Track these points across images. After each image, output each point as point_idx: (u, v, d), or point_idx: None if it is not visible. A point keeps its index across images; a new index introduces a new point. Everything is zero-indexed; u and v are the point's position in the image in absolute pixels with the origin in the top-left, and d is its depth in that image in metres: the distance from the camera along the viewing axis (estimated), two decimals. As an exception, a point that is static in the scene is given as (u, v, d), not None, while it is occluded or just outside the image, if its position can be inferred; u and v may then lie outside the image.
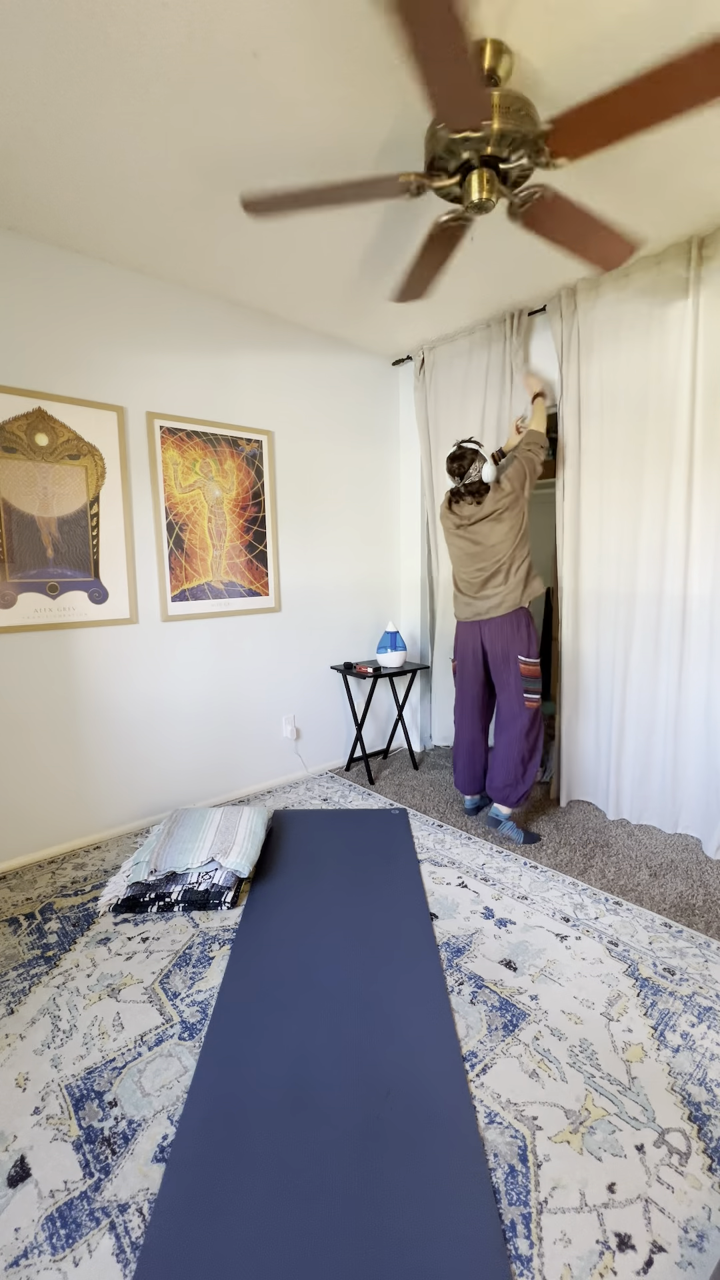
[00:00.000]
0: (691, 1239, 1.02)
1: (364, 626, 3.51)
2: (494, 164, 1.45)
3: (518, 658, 2.45)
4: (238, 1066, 1.37)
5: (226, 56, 1.42)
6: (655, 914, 1.95)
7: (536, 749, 2.50)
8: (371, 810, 2.79)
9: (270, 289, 2.61)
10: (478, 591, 2.53)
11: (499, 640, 2.48)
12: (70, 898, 2.10)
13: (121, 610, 2.51)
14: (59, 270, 2.25)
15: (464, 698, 2.68)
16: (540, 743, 2.51)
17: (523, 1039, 1.45)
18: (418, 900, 2.03)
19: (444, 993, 1.59)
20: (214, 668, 2.84)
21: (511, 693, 2.47)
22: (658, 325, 2.35)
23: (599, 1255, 1.00)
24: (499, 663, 2.50)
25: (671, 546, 2.38)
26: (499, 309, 2.83)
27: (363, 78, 1.49)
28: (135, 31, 1.35)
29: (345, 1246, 1.01)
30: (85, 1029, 1.50)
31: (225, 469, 2.79)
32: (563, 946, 1.79)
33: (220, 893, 1.99)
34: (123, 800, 2.60)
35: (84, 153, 1.74)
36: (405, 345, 3.31)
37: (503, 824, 2.54)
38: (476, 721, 2.68)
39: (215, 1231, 1.04)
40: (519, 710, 2.46)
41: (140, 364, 2.49)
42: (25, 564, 2.25)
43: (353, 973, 1.67)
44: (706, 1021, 1.49)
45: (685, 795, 2.48)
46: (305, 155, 1.75)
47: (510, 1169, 1.14)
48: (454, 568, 2.64)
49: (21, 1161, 1.17)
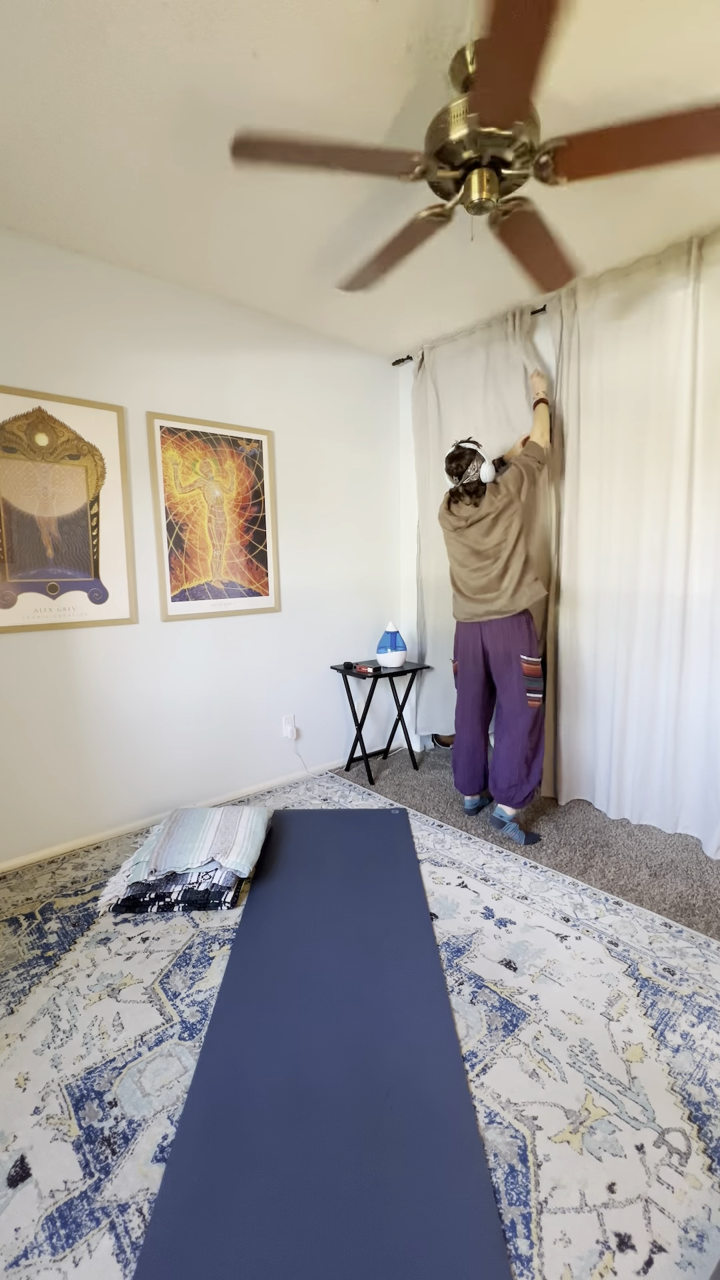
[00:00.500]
0: (691, 1239, 1.02)
1: (364, 626, 3.51)
2: (498, 167, 1.45)
3: (520, 657, 2.44)
4: (238, 1066, 1.37)
5: (226, 56, 1.42)
6: (655, 914, 1.95)
7: (539, 748, 2.50)
8: (371, 810, 2.79)
9: (270, 288, 2.61)
10: (477, 594, 2.52)
11: (500, 640, 2.47)
12: (70, 898, 2.10)
13: (121, 610, 2.51)
14: (59, 270, 2.25)
15: (464, 698, 2.68)
16: (543, 742, 2.51)
17: (523, 1039, 1.45)
18: (418, 900, 2.03)
19: (444, 992, 1.59)
20: (214, 668, 2.84)
21: (514, 692, 2.47)
22: (658, 325, 2.35)
23: (599, 1255, 1.00)
24: (500, 662, 2.49)
25: (672, 546, 2.38)
26: (500, 308, 2.83)
27: (362, 78, 1.49)
28: (135, 31, 1.35)
29: (345, 1246, 1.01)
30: (85, 1029, 1.50)
31: (225, 469, 2.79)
32: (563, 946, 1.79)
33: (220, 893, 1.99)
34: (123, 800, 2.60)
35: (84, 153, 1.74)
36: (405, 345, 3.31)
37: (507, 825, 2.53)
38: (477, 722, 2.68)
39: (215, 1231, 1.04)
40: (521, 709, 2.45)
41: (140, 364, 2.49)
42: (25, 564, 2.25)
43: (353, 972, 1.67)
44: (706, 1021, 1.49)
45: (685, 795, 2.48)
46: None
47: (510, 1169, 1.14)
48: (453, 569, 2.63)
49: (21, 1161, 1.17)
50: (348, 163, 1.44)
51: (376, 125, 1.64)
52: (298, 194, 1.94)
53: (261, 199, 1.96)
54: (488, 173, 1.44)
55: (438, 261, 2.35)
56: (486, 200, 1.46)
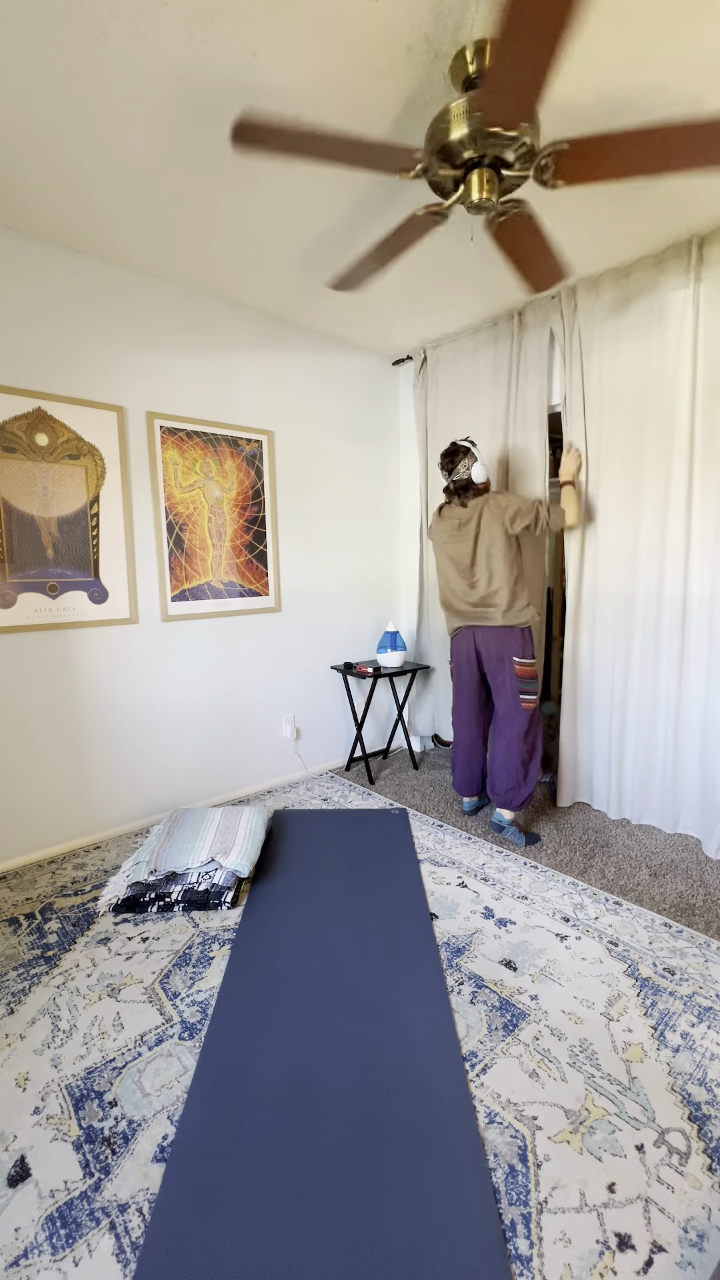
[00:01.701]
0: (691, 1239, 1.02)
1: (364, 626, 3.51)
2: (498, 167, 1.45)
3: (513, 658, 2.44)
4: (238, 1066, 1.37)
5: (226, 56, 1.42)
6: (655, 914, 1.95)
7: (536, 751, 2.49)
8: (371, 810, 2.79)
9: (270, 288, 2.61)
10: (473, 607, 2.51)
11: (493, 643, 2.47)
12: (70, 898, 2.10)
13: (121, 610, 2.51)
14: (59, 270, 2.25)
15: (460, 700, 2.68)
16: (539, 744, 2.50)
17: (523, 1039, 1.45)
18: (418, 900, 2.03)
19: (444, 992, 1.59)
20: (214, 668, 2.84)
21: (508, 694, 2.47)
22: (657, 325, 2.35)
23: (599, 1255, 1.00)
24: (494, 664, 2.49)
25: (671, 546, 2.38)
26: (501, 308, 2.82)
27: (362, 78, 1.49)
28: (135, 31, 1.35)
29: (345, 1246, 1.01)
30: (85, 1029, 1.50)
31: (225, 469, 2.79)
32: (563, 946, 1.79)
33: (220, 892, 1.99)
34: (123, 800, 2.60)
35: (84, 152, 1.74)
36: (405, 345, 3.31)
37: (506, 829, 2.52)
38: (474, 724, 2.67)
39: (215, 1231, 1.04)
40: (516, 712, 2.45)
41: (140, 364, 2.49)
42: (25, 564, 2.25)
43: (353, 973, 1.67)
44: (706, 1021, 1.49)
45: (685, 795, 2.48)
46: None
47: (510, 1169, 1.14)
48: (443, 591, 2.62)
49: (21, 1161, 1.17)
50: (349, 156, 1.42)
51: (377, 125, 1.64)
52: (297, 194, 1.94)
53: (261, 198, 1.96)
54: (488, 173, 1.44)
55: (437, 261, 2.35)
56: (486, 200, 1.46)
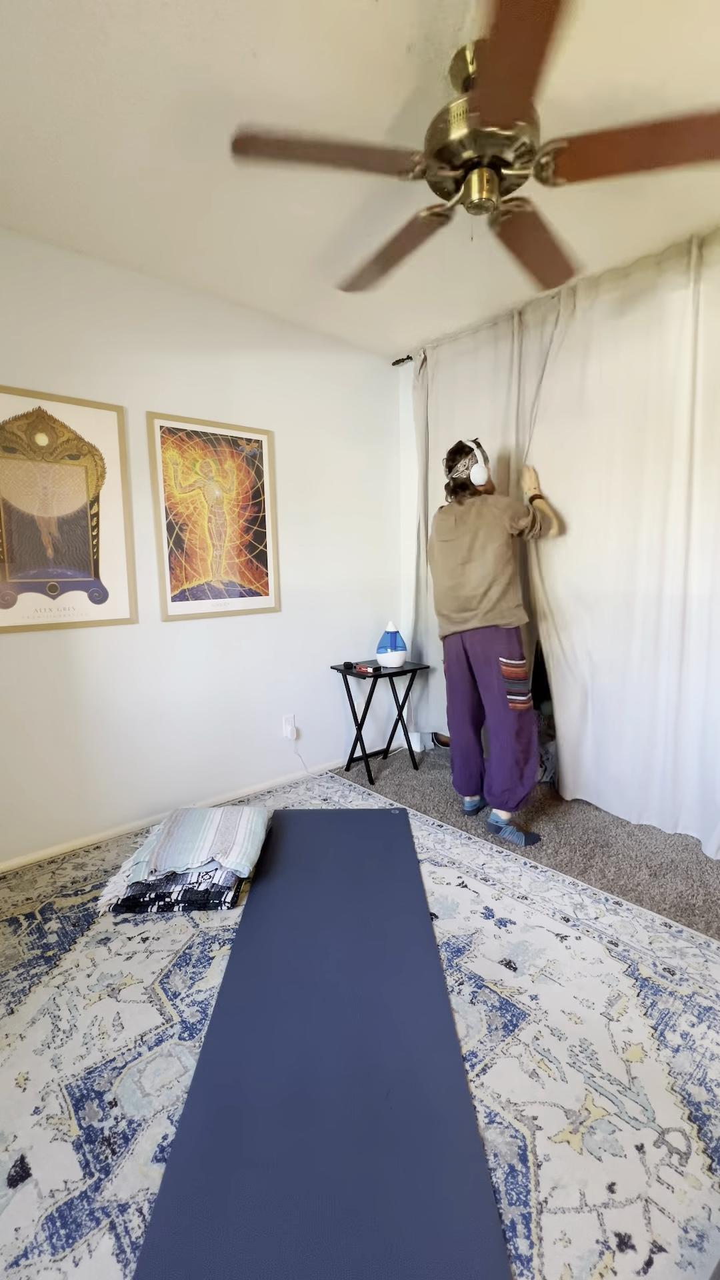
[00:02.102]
0: (691, 1239, 1.02)
1: (364, 626, 3.51)
2: (498, 167, 1.45)
3: (499, 659, 2.44)
4: (238, 1066, 1.37)
5: (226, 56, 1.42)
6: (655, 914, 1.95)
7: (531, 751, 2.49)
8: (371, 810, 2.79)
9: (270, 288, 2.61)
10: (457, 611, 2.54)
11: (479, 643, 2.48)
12: (70, 898, 2.09)
13: (121, 610, 2.51)
14: (58, 270, 2.25)
15: (454, 701, 2.69)
16: (534, 744, 2.50)
17: (523, 1039, 1.45)
18: (418, 900, 2.03)
19: (444, 992, 1.59)
20: (214, 668, 2.84)
21: (495, 695, 2.46)
22: (657, 325, 2.34)
23: (599, 1255, 1.00)
24: (480, 664, 2.49)
25: (671, 546, 2.38)
26: (501, 308, 2.82)
27: (362, 78, 1.49)
28: (135, 31, 1.35)
29: (345, 1246, 1.01)
30: (85, 1029, 1.50)
31: (225, 469, 2.79)
32: (563, 946, 1.79)
33: (220, 893, 1.99)
34: (123, 800, 2.60)
35: (84, 152, 1.74)
36: (405, 345, 3.31)
37: (503, 829, 2.52)
38: (468, 725, 2.68)
39: (215, 1231, 1.04)
40: (504, 713, 2.45)
41: (140, 363, 2.49)
42: (25, 564, 2.25)
43: (352, 972, 1.67)
44: (706, 1021, 1.49)
45: (685, 795, 2.48)
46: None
47: (510, 1169, 1.14)
48: (436, 594, 2.64)
49: (21, 1161, 1.17)
50: (348, 160, 1.44)
51: (376, 125, 1.64)
52: (297, 194, 1.94)
53: (261, 199, 1.96)
54: (488, 173, 1.44)
55: (438, 261, 2.35)
56: (486, 200, 1.46)
